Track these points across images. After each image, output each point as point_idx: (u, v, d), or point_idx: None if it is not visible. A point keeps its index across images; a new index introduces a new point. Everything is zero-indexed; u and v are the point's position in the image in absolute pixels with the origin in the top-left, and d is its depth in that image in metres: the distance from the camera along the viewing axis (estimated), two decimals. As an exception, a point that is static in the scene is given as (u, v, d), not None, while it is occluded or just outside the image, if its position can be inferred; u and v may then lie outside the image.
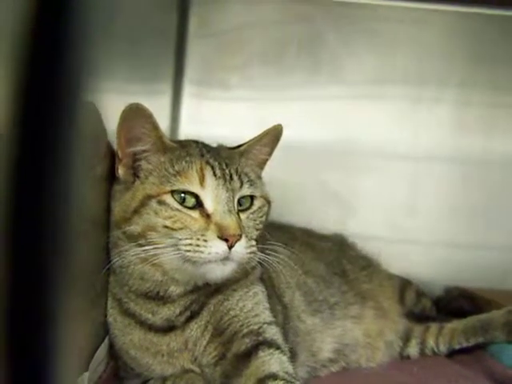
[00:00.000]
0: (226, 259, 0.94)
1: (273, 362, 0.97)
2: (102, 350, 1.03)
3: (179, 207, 0.95)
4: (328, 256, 1.41)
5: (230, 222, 0.94)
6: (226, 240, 0.93)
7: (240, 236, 0.94)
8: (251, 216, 1.03)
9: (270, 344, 1.00)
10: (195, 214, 0.95)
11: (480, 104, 1.81)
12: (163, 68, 1.68)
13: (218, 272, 0.95)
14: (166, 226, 0.94)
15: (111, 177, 1.04)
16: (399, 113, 1.83)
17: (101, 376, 1.01)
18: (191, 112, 1.78)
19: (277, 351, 0.99)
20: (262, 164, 1.12)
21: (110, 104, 0.96)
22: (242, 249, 0.94)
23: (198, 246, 0.92)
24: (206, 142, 1.11)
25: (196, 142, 1.09)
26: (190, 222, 0.95)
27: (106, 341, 1.06)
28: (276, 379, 0.93)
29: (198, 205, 0.96)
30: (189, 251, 0.93)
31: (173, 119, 1.77)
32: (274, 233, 1.20)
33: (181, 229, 0.94)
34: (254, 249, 0.99)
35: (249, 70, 1.78)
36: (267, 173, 1.14)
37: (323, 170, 1.79)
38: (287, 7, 1.79)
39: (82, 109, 0.54)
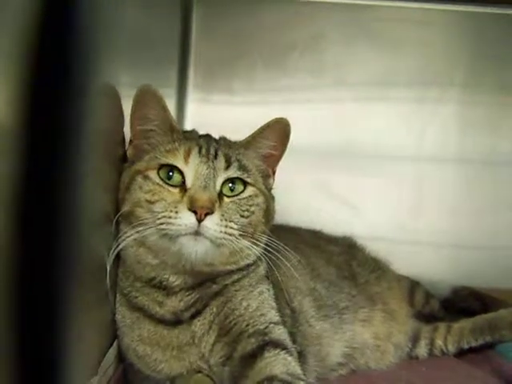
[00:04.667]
0: (196, 234, 0.94)
1: (277, 363, 0.96)
2: (111, 354, 1.03)
3: (160, 182, 0.98)
4: (338, 259, 1.41)
5: (201, 195, 0.95)
6: (195, 212, 0.93)
7: (210, 210, 0.94)
8: (238, 201, 1.02)
9: (276, 344, 1.00)
10: (175, 189, 0.98)
11: (485, 104, 1.80)
12: (167, 73, 1.69)
13: (191, 247, 0.95)
14: (147, 200, 0.97)
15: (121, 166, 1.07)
16: (404, 114, 1.83)
17: (110, 380, 1.01)
18: (196, 117, 1.78)
19: (283, 351, 0.99)
20: (268, 160, 1.12)
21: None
22: (212, 224, 0.94)
23: (169, 217, 0.94)
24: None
25: (199, 132, 1.13)
26: (166, 195, 0.97)
27: (115, 345, 1.06)
28: (273, 381, 0.92)
29: (182, 182, 0.98)
30: (162, 224, 0.94)
31: (178, 124, 1.77)
32: (284, 236, 1.20)
33: (157, 201, 0.96)
34: (232, 231, 0.97)
35: (253, 73, 1.78)
36: (272, 174, 1.15)
37: (329, 173, 1.79)
38: (290, 10, 1.80)
39: (91, 106, 0.55)
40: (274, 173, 1.14)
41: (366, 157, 1.81)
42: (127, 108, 1.04)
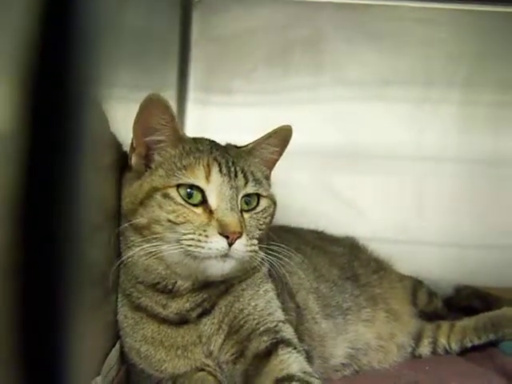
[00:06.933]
0: (225, 256, 0.95)
1: (291, 361, 0.97)
2: (114, 355, 1.03)
3: (182, 202, 0.97)
4: (340, 260, 1.41)
5: (231, 219, 0.95)
6: (227, 237, 0.94)
7: (240, 234, 0.95)
8: (255, 216, 1.03)
9: (288, 343, 1.01)
10: (198, 210, 0.97)
11: (487, 103, 1.80)
12: (167, 74, 1.69)
13: (218, 268, 0.96)
14: (170, 220, 0.96)
15: (119, 170, 1.05)
16: (405, 113, 1.83)
17: (113, 381, 1.01)
18: (196, 118, 1.78)
19: (294, 350, 1.00)
20: (269, 163, 1.13)
21: (114, 112, 0.97)
22: (241, 246, 0.95)
23: (199, 241, 0.94)
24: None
25: (208, 140, 1.10)
26: (192, 216, 0.96)
27: (117, 346, 1.06)
28: (292, 381, 0.93)
29: (203, 201, 0.98)
30: (190, 246, 0.94)
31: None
32: (286, 236, 1.20)
33: (183, 223, 0.96)
34: (255, 247, 1.00)
35: (253, 74, 1.79)
36: (274, 175, 1.15)
37: (330, 172, 1.80)
38: (290, 10, 1.80)
39: (89, 109, 0.55)
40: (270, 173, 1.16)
41: (367, 157, 1.81)
42: (125, 109, 1.03)
